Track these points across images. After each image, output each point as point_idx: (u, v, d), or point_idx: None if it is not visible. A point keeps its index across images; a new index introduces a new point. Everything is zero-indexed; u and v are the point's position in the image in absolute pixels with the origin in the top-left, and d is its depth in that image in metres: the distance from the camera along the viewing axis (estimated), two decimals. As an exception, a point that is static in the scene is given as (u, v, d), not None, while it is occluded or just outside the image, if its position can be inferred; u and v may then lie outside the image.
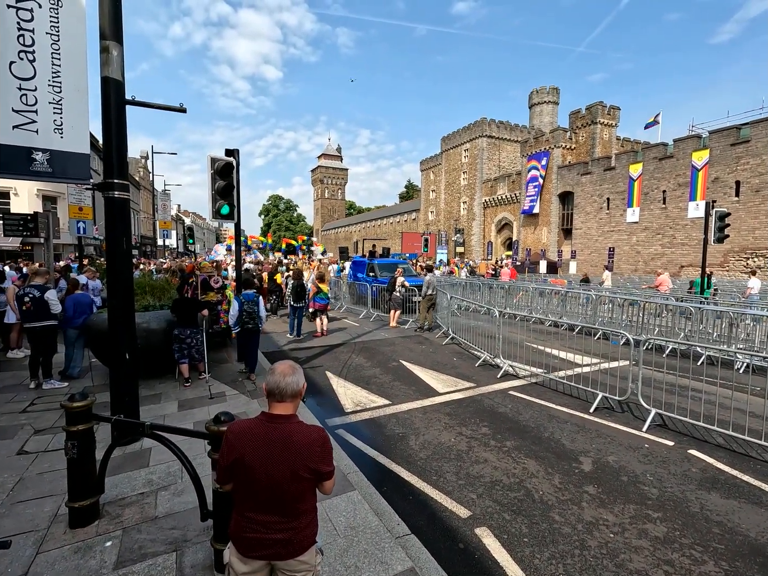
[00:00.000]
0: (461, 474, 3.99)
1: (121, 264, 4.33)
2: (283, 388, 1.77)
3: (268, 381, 1.80)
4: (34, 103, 4.02)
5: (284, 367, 1.82)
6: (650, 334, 10.11)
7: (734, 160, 24.98)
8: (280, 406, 1.80)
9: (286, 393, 1.77)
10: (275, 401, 1.80)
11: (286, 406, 1.80)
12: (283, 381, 1.78)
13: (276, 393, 1.78)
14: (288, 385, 1.77)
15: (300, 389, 1.82)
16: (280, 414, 1.79)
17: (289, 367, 1.82)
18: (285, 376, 1.79)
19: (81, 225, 12.37)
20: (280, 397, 1.78)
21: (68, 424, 3.13)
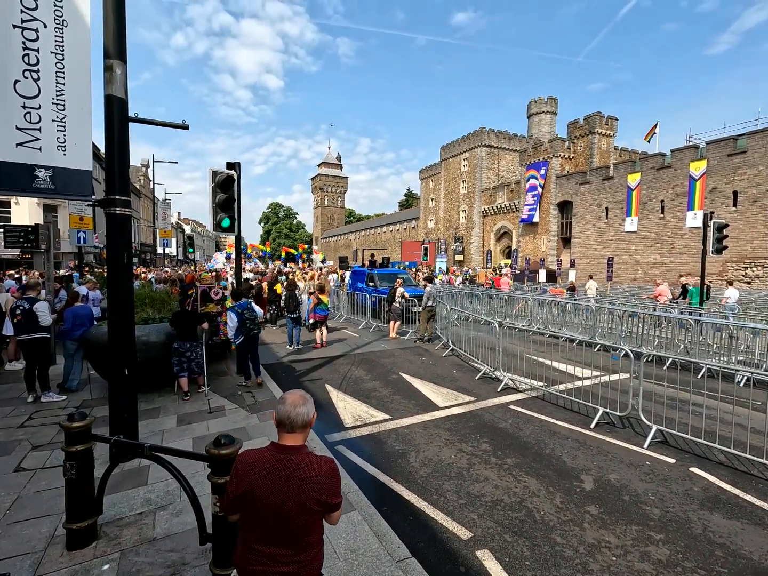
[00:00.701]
0: (462, 493, 3.96)
1: (122, 279, 4.33)
2: (293, 419, 1.77)
3: (279, 411, 1.80)
4: (37, 121, 4.06)
5: (295, 398, 1.81)
6: (650, 346, 10.12)
7: (731, 171, 25.16)
8: (289, 436, 1.79)
9: (296, 424, 1.77)
10: (285, 432, 1.79)
11: (295, 437, 1.80)
12: (293, 411, 1.77)
13: (286, 423, 1.77)
14: (298, 415, 1.77)
15: (310, 420, 1.81)
16: (289, 445, 1.78)
17: (300, 398, 1.82)
18: (295, 406, 1.78)
19: (81, 235, 12.41)
20: (290, 428, 1.78)
21: (67, 444, 3.11)
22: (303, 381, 7.64)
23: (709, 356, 9.19)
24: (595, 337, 11.04)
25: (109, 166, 4.28)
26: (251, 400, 6.33)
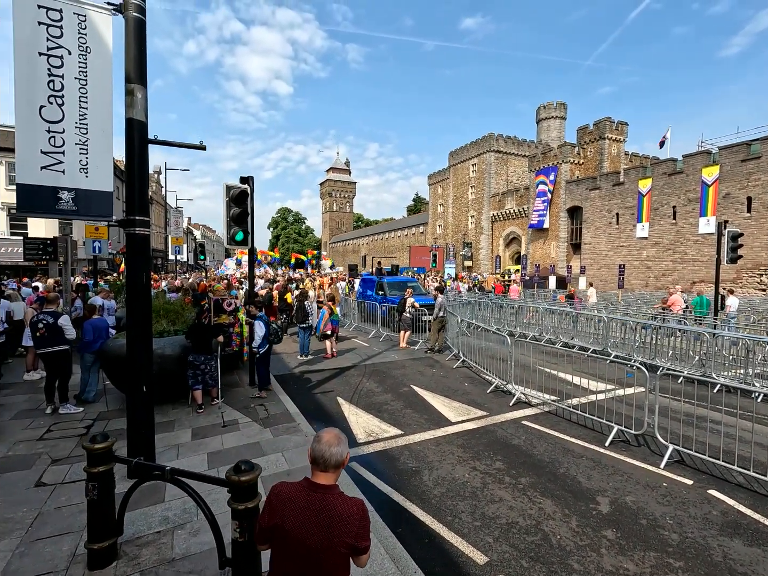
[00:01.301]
0: (477, 514, 3.95)
1: (141, 298, 4.41)
2: (327, 459, 1.82)
3: (314, 449, 1.85)
4: (61, 145, 4.17)
5: (330, 437, 1.86)
6: (664, 358, 10.00)
7: (745, 176, 24.83)
8: (323, 475, 1.84)
9: (330, 464, 1.82)
10: (319, 470, 1.84)
11: (328, 476, 1.85)
12: (328, 451, 1.82)
13: (320, 462, 1.82)
14: (332, 455, 1.82)
15: (343, 460, 1.85)
16: (322, 484, 1.83)
17: (335, 437, 1.86)
18: (330, 446, 1.83)
19: (97, 244, 12.63)
20: (324, 467, 1.83)
21: (89, 465, 3.17)
22: (315, 393, 7.67)
23: (725, 369, 9.05)
24: (608, 347, 10.95)
25: (129, 187, 4.38)
26: (264, 413, 6.38)
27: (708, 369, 8.88)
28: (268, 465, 4.70)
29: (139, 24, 4.25)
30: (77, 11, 4.17)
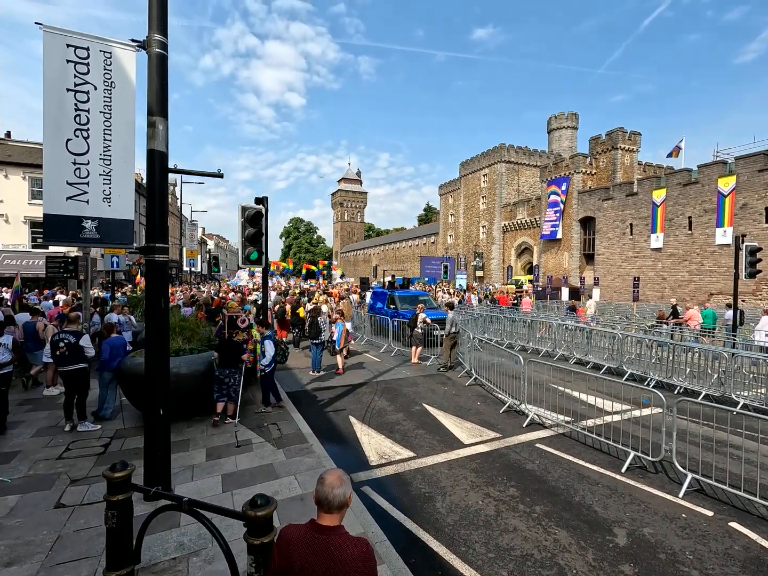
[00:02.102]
0: (490, 545, 3.91)
1: (159, 322, 4.51)
2: (331, 501, 1.89)
3: (318, 491, 1.92)
4: (86, 176, 4.34)
5: (333, 479, 1.93)
6: (680, 376, 9.80)
7: (763, 187, 24.38)
8: (327, 516, 1.91)
9: (333, 505, 1.89)
10: (323, 511, 1.92)
11: (333, 517, 1.91)
12: (331, 494, 1.89)
13: (324, 504, 1.89)
14: (336, 497, 1.89)
15: (347, 500, 1.92)
16: (326, 525, 1.90)
17: (338, 479, 1.93)
18: (333, 488, 1.90)
19: (115, 260, 12.92)
20: (328, 509, 1.90)
21: (109, 493, 3.23)
22: (327, 412, 7.70)
23: (745, 388, 8.82)
24: (623, 364, 10.78)
25: (149, 214, 4.50)
26: (277, 433, 6.42)
27: (727, 388, 8.68)
28: (281, 488, 4.72)
29: (161, 59, 4.41)
30: (103, 48, 4.36)
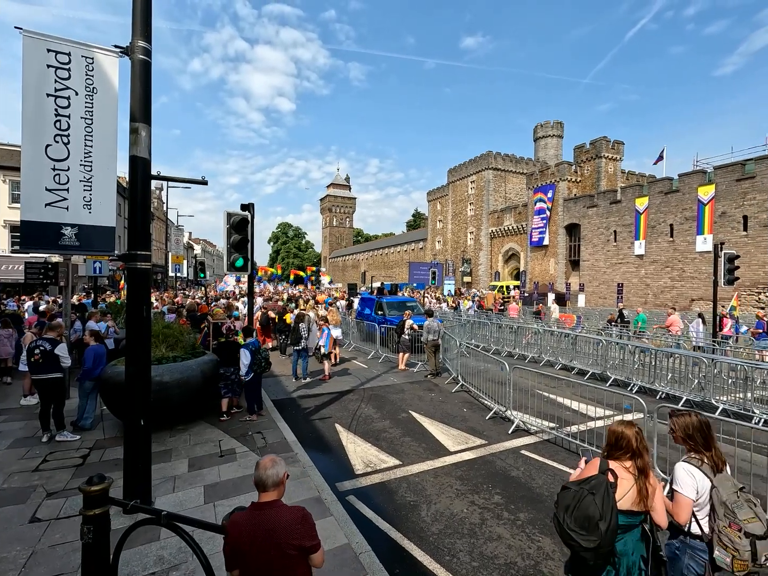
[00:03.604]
0: (475, 554, 3.91)
1: (141, 330, 4.44)
2: (265, 480, 2.17)
3: (254, 475, 2.21)
4: (65, 182, 4.27)
5: (265, 462, 2.22)
6: (662, 381, 9.97)
7: (740, 195, 25.11)
8: (265, 495, 2.19)
9: (268, 484, 2.17)
10: (261, 491, 2.19)
11: (270, 494, 2.18)
12: (264, 474, 2.17)
13: (261, 485, 2.18)
14: (269, 477, 2.17)
15: (281, 479, 2.20)
16: (265, 502, 2.16)
17: (270, 461, 2.22)
18: (266, 469, 2.18)
19: (97, 265, 12.70)
20: (264, 488, 2.18)
21: (85, 507, 3.15)
22: (313, 419, 7.64)
23: (724, 393, 9.02)
24: (607, 370, 10.93)
25: (132, 221, 4.44)
26: (262, 442, 6.34)
27: (707, 393, 8.86)
28: (264, 499, 4.66)
29: (144, 66, 4.37)
30: (85, 54, 4.31)
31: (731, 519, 2.40)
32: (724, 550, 2.40)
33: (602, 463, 2.54)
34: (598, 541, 2.26)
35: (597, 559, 2.34)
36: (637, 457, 2.51)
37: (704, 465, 2.59)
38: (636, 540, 2.49)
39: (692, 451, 2.67)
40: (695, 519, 2.57)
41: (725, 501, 2.43)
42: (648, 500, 2.46)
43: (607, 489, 2.36)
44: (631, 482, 2.46)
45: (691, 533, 2.59)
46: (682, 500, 2.55)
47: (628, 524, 2.44)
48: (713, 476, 2.55)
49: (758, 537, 2.34)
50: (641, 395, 8.53)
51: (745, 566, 2.33)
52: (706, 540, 2.53)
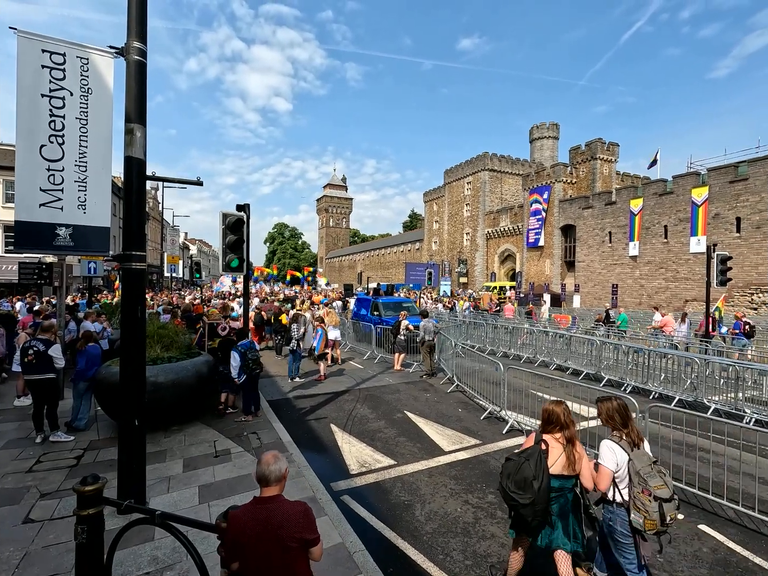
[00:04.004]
0: (468, 552, 3.94)
1: (136, 331, 4.44)
2: (268, 476, 2.22)
3: (257, 470, 2.24)
4: (60, 183, 4.26)
5: (268, 458, 2.27)
6: (655, 381, 10.05)
7: (733, 197, 25.33)
8: (267, 489, 2.24)
9: (271, 479, 2.22)
10: (263, 486, 2.24)
11: (272, 489, 2.23)
12: (267, 470, 2.22)
13: (263, 480, 2.23)
14: (272, 473, 2.22)
15: (282, 474, 2.25)
16: (267, 496, 2.21)
17: (272, 457, 2.27)
18: (269, 465, 2.23)
19: (92, 266, 12.64)
20: (266, 483, 2.23)
21: (79, 507, 3.15)
22: (308, 420, 7.65)
23: (716, 393, 9.11)
24: (601, 370, 11.01)
25: (127, 222, 4.45)
26: (257, 442, 6.35)
27: (700, 393, 8.94)
28: (259, 499, 4.67)
29: (139, 66, 4.38)
30: (80, 54, 4.31)
31: (643, 486, 2.84)
32: (638, 512, 2.85)
33: (537, 436, 3.12)
34: (533, 497, 2.77)
35: (535, 516, 2.80)
36: (565, 429, 3.03)
37: (623, 441, 3.01)
38: (569, 501, 2.97)
39: (614, 429, 3.09)
40: (617, 489, 2.98)
41: (639, 471, 2.87)
42: (576, 465, 2.95)
43: (540, 455, 2.91)
44: (561, 450, 2.98)
45: (615, 502, 3.00)
46: (603, 471, 2.98)
47: (560, 486, 2.92)
48: (631, 451, 2.98)
49: (665, 500, 2.78)
50: (634, 395, 8.62)
51: (654, 525, 2.79)
52: (626, 506, 2.95)
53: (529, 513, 2.80)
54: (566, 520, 2.97)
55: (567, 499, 2.97)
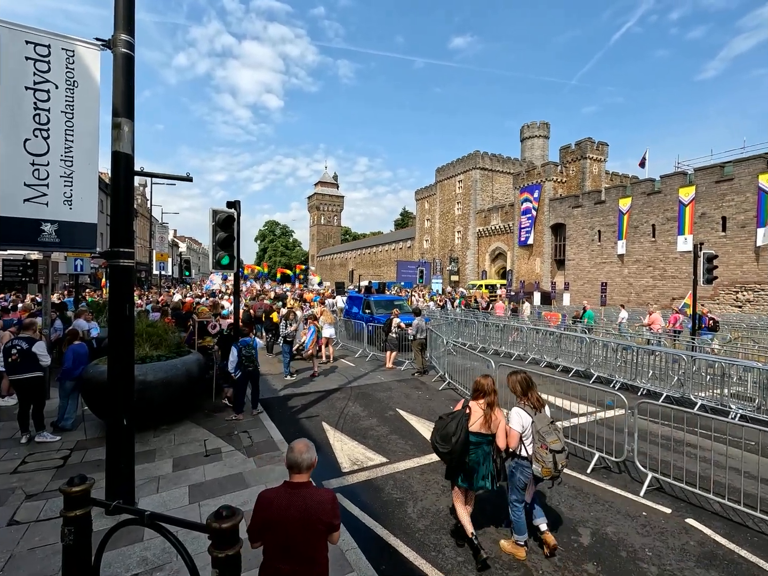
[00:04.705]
0: (460, 549, 3.96)
1: (124, 329, 4.37)
2: (300, 464, 2.33)
3: (289, 458, 2.36)
4: (45, 177, 4.17)
5: (301, 446, 2.38)
6: (644, 378, 10.19)
7: (719, 197, 25.76)
8: (298, 476, 2.35)
9: (303, 467, 2.33)
10: (295, 473, 2.35)
11: (303, 476, 2.36)
12: (300, 458, 2.33)
13: (295, 467, 2.34)
14: (304, 461, 2.34)
15: (313, 462, 2.39)
16: (298, 482, 2.34)
17: (305, 446, 2.39)
18: (302, 453, 2.35)
19: (78, 263, 12.42)
20: (299, 471, 2.34)
21: (66, 508, 3.10)
22: (300, 418, 7.61)
23: (703, 389, 9.26)
24: (591, 367, 11.13)
25: (114, 218, 4.37)
26: (248, 441, 6.30)
27: (686, 389, 9.09)
28: (251, 498, 4.63)
29: (127, 59, 4.30)
30: (65, 46, 4.22)
31: (542, 441, 3.64)
32: (537, 463, 3.65)
33: (465, 402, 3.93)
34: (451, 448, 3.60)
35: (452, 462, 3.69)
36: (487, 397, 3.78)
37: (526, 407, 3.80)
38: (485, 454, 3.73)
39: (519, 398, 3.88)
40: (524, 445, 3.74)
41: (539, 430, 3.68)
42: (491, 425, 3.71)
43: (462, 417, 3.69)
44: (481, 413, 3.72)
45: (520, 456, 3.77)
46: (511, 432, 3.73)
47: (477, 441, 3.70)
48: (534, 414, 3.76)
49: (557, 451, 3.61)
50: (623, 392, 8.72)
51: (549, 472, 3.60)
52: (530, 459, 3.72)
53: (447, 459, 3.72)
54: (483, 466, 3.73)
55: (484, 450, 3.73)
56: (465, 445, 3.60)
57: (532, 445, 3.70)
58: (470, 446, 3.67)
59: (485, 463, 3.73)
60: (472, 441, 3.67)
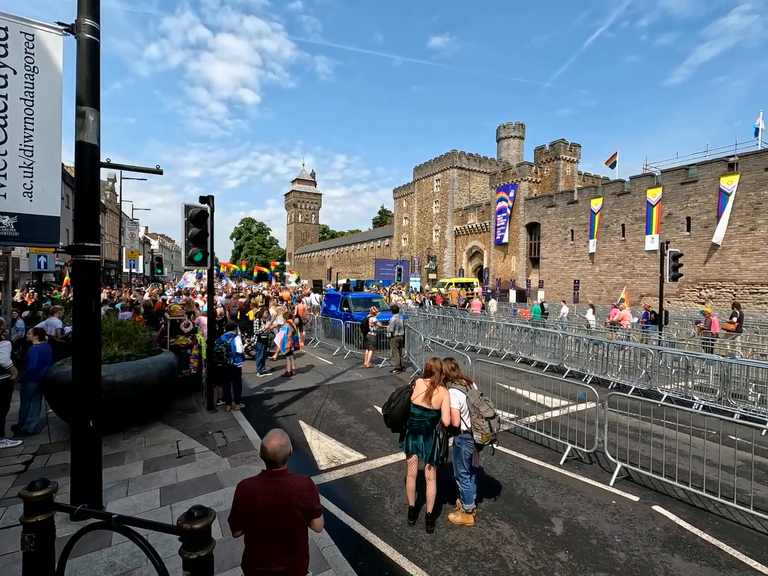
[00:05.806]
0: (437, 542, 3.99)
1: (89, 327, 4.20)
2: (276, 460, 2.37)
3: (263, 455, 2.39)
4: (3, 168, 3.96)
5: (274, 443, 2.39)
6: (614, 372, 10.52)
7: (684, 198, 26.84)
8: (275, 469, 2.40)
9: (279, 459, 2.38)
10: (272, 467, 2.39)
11: (279, 466, 2.40)
12: (275, 456, 2.37)
13: (272, 462, 2.38)
14: (278, 456, 2.38)
15: (288, 452, 2.43)
16: (276, 470, 2.39)
17: (278, 443, 2.40)
18: (275, 451, 2.37)
19: (42, 260, 11.87)
20: (275, 466, 2.38)
21: (26, 515, 2.95)
22: (277, 417, 7.51)
23: (668, 381, 9.63)
24: (564, 363, 11.42)
25: (78, 211, 4.19)
26: (222, 441, 6.17)
27: (653, 382, 9.43)
28: (225, 499, 4.55)
29: (92, 46, 4.12)
30: (24, 30, 4.01)
31: (477, 412, 4.14)
32: (476, 432, 4.13)
33: (414, 378, 4.58)
34: (388, 412, 4.28)
35: (387, 421, 4.36)
36: (433, 375, 4.24)
37: (459, 386, 4.33)
38: (427, 427, 4.12)
39: (452, 380, 4.37)
40: (464, 420, 4.22)
41: (473, 403, 4.19)
42: (432, 399, 4.09)
43: (405, 390, 4.30)
44: (425, 388, 4.17)
45: (464, 430, 4.23)
46: (453, 411, 4.15)
47: (421, 414, 4.13)
48: (466, 391, 4.29)
49: (490, 418, 4.12)
50: (594, 385, 8.96)
51: (487, 437, 4.10)
52: (470, 431, 4.19)
53: (387, 422, 4.37)
54: (427, 440, 4.12)
55: (426, 424, 4.12)
56: (404, 411, 4.19)
57: (469, 419, 4.18)
58: (414, 417, 4.16)
59: (428, 437, 4.13)
60: (415, 413, 4.16)
